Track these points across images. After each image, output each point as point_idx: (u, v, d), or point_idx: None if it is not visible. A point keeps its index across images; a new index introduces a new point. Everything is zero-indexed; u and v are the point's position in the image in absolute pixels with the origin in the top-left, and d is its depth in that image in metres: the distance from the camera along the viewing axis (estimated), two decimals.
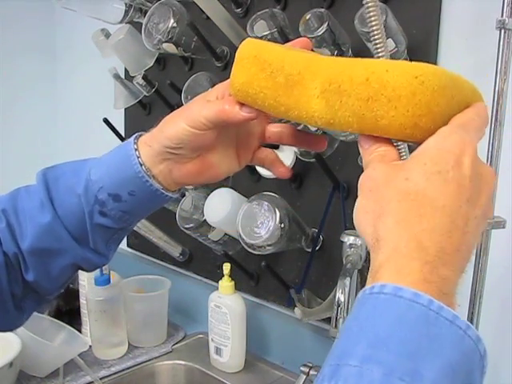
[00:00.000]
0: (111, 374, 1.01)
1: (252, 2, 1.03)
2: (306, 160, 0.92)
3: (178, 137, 0.52)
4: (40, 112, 1.64)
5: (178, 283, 1.21)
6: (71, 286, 1.27)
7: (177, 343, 1.13)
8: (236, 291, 1.02)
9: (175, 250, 1.23)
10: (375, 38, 0.48)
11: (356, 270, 0.77)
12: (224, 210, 0.95)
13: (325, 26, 0.81)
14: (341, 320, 0.71)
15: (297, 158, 0.93)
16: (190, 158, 0.54)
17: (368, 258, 0.79)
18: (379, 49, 0.48)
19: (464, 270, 0.38)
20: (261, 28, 0.88)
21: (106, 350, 1.07)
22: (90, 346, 1.06)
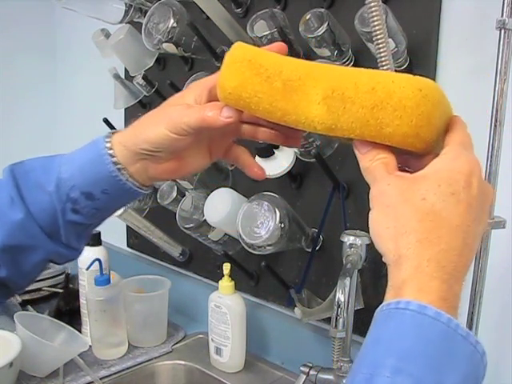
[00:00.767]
0: (111, 374, 1.01)
1: (252, 2, 1.03)
2: (306, 160, 0.92)
3: (157, 142, 0.52)
4: (40, 112, 1.64)
5: (178, 283, 1.21)
6: (71, 286, 1.27)
7: (177, 343, 1.13)
8: (236, 291, 1.02)
9: (175, 250, 1.23)
10: (377, 37, 0.48)
11: (356, 270, 0.77)
12: (224, 210, 0.95)
13: (325, 25, 0.81)
14: (341, 320, 0.70)
15: (297, 158, 0.93)
16: (166, 159, 0.55)
17: (368, 258, 0.80)
18: (381, 48, 0.48)
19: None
20: (261, 28, 0.88)
21: (106, 350, 1.07)
22: (90, 346, 1.06)
